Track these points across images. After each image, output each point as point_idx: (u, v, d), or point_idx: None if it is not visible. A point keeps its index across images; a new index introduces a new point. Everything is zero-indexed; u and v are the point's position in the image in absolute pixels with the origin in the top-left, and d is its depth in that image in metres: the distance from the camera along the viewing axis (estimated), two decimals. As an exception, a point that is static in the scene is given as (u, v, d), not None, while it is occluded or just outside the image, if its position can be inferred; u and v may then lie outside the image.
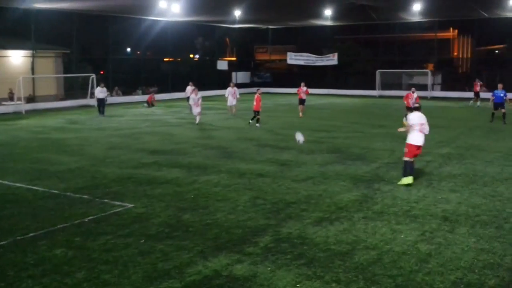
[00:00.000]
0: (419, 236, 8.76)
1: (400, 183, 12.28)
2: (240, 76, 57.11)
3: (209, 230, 9.03)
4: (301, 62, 55.76)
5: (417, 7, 41.15)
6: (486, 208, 10.41)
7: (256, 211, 10.18)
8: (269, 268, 7.37)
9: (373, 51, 55.80)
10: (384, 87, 49.35)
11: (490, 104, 26.07)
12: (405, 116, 23.80)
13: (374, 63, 51.66)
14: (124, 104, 38.59)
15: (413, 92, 26.76)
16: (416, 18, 47.79)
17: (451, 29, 55.82)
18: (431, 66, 51.77)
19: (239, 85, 52.22)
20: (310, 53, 54.96)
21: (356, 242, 8.46)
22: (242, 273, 7.20)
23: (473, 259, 7.72)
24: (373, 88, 49.47)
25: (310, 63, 54.97)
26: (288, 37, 60.26)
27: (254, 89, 51.38)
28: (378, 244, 8.36)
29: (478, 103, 35.39)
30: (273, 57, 63.05)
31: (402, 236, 8.75)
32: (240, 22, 50.17)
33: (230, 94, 29.01)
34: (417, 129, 12.28)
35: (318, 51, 55.22)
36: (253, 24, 56.49)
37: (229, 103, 29.14)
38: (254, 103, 24.32)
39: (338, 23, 53.58)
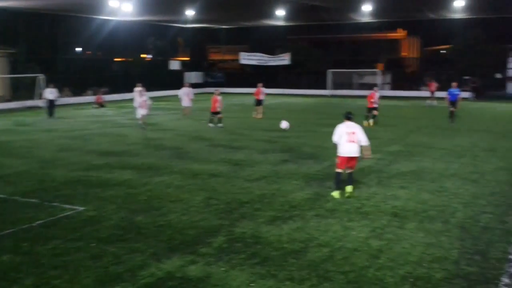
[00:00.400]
0: (370, 232, 8.94)
1: (331, 194, 11.41)
2: (193, 76, 56.84)
3: (162, 232, 8.96)
4: (254, 62, 56.01)
5: (367, 7, 41.95)
6: (434, 203, 10.73)
7: (209, 212, 10.16)
8: (223, 268, 7.37)
9: (324, 51, 56.56)
10: (336, 86, 50.15)
11: (447, 103, 25.89)
12: (369, 117, 23.94)
13: (326, 63, 52.37)
14: (74, 105, 37.74)
15: (376, 92, 25.72)
16: (366, 19, 48.77)
17: (400, 29, 57.20)
18: (381, 66, 52.90)
19: (192, 85, 51.65)
20: (263, 53, 55.26)
21: (309, 240, 8.56)
22: (196, 274, 7.17)
23: (422, 254, 7.94)
24: (325, 88, 50.16)
25: (263, 63, 55.28)
26: (241, 37, 60.42)
27: (207, 90, 51.45)
28: (331, 241, 8.49)
29: (434, 102, 36.14)
30: (226, 57, 63.05)
31: (354, 233, 8.91)
32: (192, 22, 49.94)
33: (185, 95, 28.38)
34: (345, 139, 11.26)
35: (271, 51, 55.59)
36: (206, 24, 56.34)
37: (184, 104, 28.46)
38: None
39: (290, 23, 54.08)
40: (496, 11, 43.06)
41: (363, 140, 11.39)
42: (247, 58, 56.34)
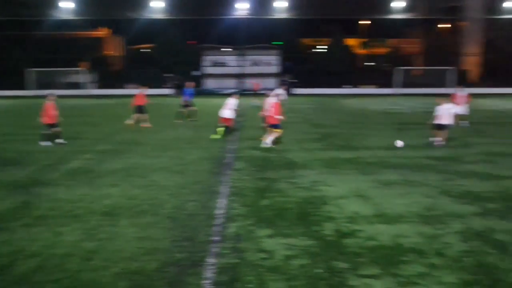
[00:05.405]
0: (82, 234, 8.80)
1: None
2: None
3: None
4: None
5: (65, 4, 40.82)
6: (144, 197, 11.10)
7: None
8: None
9: (24, 49, 53.01)
10: (41, 86, 47.62)
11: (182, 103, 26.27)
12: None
13: (26, 62, 49.19)
14: None
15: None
16: (68, 16, 47.44)
17: (104, 28, 57.21)
18: (86, 64, 52.15)
19: None
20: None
21: (17, 252, 8.02)
22: None
23: (135, 248, 8.16)
24: (24, 88, 47.29)
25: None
26: None
27: None
28: (41, 250, 8.09)
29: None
30: None
31: (65, 237, 8.65)
32: None
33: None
34: None
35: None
36: None
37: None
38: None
39: (-20, 18, 49.22)
40: (193, 12, 46.53)
41: None
42: None
